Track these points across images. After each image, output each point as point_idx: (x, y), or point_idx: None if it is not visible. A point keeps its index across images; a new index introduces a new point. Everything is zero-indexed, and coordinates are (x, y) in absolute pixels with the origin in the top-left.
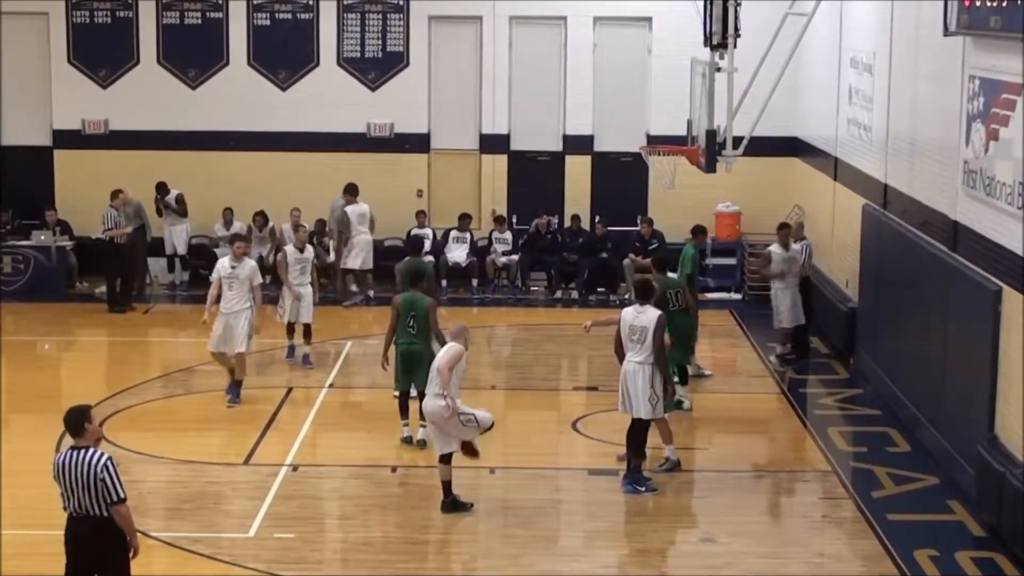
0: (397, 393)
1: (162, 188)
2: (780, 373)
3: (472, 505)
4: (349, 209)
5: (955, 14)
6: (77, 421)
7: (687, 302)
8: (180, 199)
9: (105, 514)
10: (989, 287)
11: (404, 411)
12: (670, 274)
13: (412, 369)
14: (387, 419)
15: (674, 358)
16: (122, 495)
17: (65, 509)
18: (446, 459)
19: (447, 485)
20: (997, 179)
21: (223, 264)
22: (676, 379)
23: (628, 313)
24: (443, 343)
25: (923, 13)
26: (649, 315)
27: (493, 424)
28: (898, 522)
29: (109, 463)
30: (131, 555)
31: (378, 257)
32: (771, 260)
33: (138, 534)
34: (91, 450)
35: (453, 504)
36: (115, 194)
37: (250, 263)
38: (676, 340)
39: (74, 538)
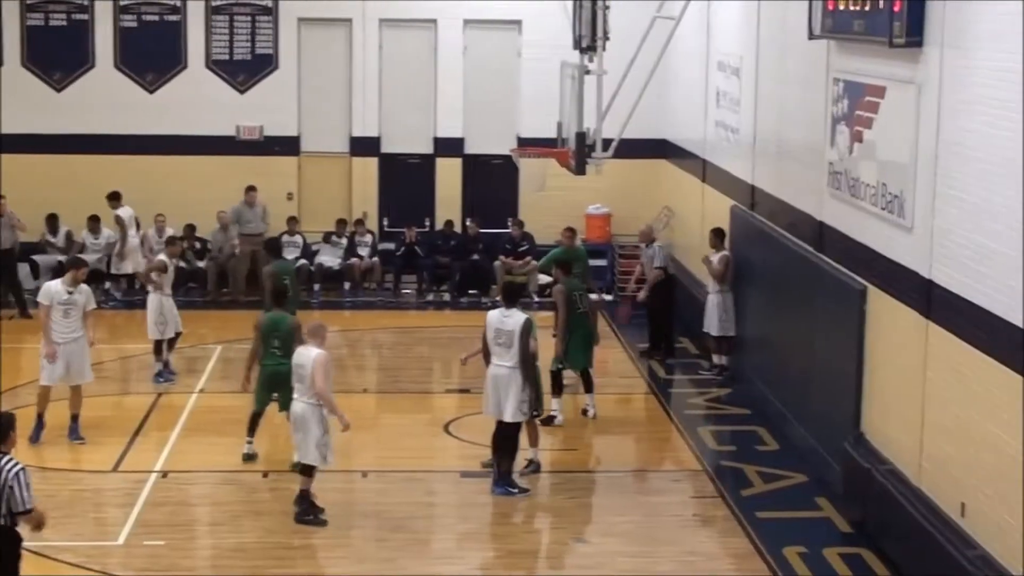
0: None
1: (52, 220)
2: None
3: (327, 523)
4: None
5: (819, 18)
6: (3, 427)
7: (590, 305)
8: (69, 236)
9: (3, 523)
10: (854, 286)
11: (252, 429)
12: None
13: (276, 389)
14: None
15: (579, 363)
16: (28, 506)
17: None
18: (309, 470)
19: (305, 495)
20: (861, 180)
21: (56, 290)
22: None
23: (494, 316)
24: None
25: (789, 17)
26: (516, 319)
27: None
28: (767, 520)
29: (22, 474)
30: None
31: (251, 261)
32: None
33: (37, 520)
34: (6, 456)
35: (310, 515)
36: None
37: (86, 288)
38: (581, 344)
39: None
